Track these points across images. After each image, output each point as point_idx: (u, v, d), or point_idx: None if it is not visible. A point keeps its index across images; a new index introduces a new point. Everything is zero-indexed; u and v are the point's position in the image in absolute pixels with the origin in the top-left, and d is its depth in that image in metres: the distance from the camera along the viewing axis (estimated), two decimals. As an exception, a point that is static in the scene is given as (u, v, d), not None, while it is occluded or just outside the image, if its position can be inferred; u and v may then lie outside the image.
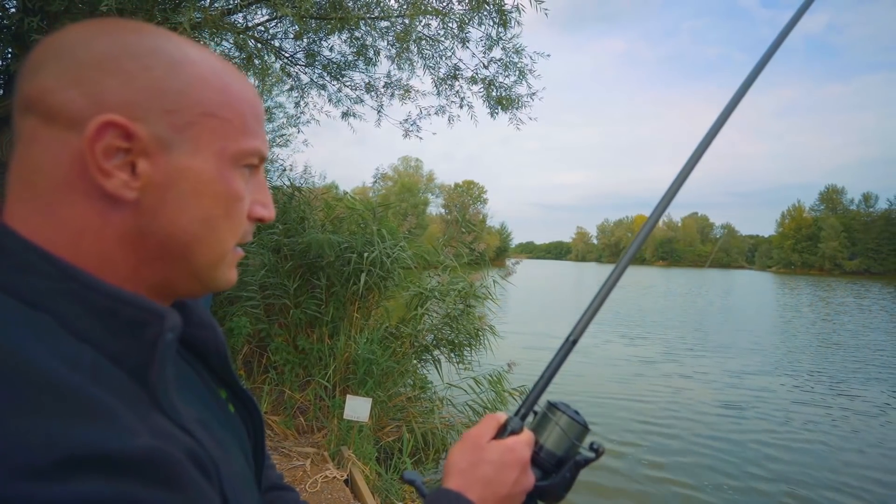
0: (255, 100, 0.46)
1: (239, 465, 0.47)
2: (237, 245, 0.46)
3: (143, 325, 0.38)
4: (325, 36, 4.68)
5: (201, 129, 0.41)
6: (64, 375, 0.31)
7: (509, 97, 4.24)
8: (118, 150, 0.38)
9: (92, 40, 0.39)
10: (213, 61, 0.43)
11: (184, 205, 0.41)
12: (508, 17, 3.88)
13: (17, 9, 2.44)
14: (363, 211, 4.87)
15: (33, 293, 0.36)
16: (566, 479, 0.59)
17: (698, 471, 4.57)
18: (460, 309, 4.57)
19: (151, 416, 0.35)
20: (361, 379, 3.96)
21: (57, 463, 0.28)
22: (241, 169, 0.44)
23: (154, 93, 0.39)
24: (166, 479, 0.32)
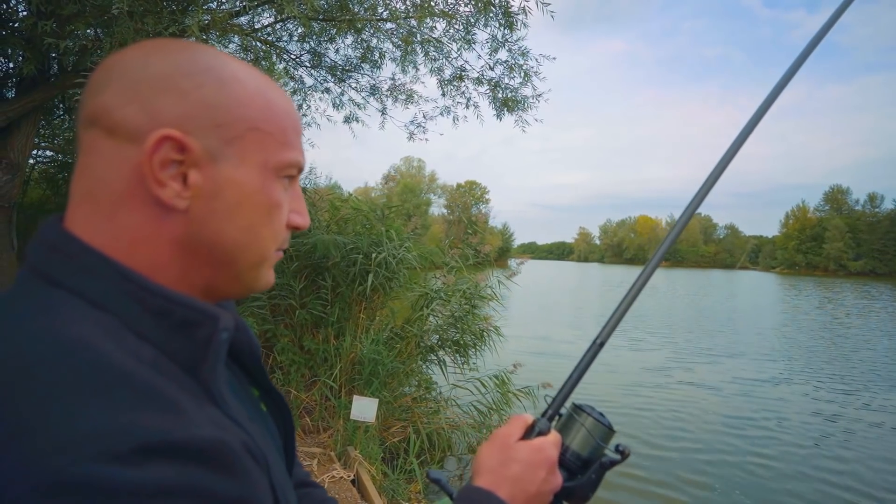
0: (294, 114, 0.48)
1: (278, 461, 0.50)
2: (277, 250, 0.49)
3: (195, 325, 0.40)
4: (330, 38, 4.71)
5: (247, 142, 0.44)
6: (134, 368, 0.34)
7: (515, 99, 4.25)
8: (172, 162, 0.41)
9: (148, 60, 0.42)
10: (258, 78, 0.46)
11: (229, 213, 0.44)
12: (515, 20, 3.89)
13: (31, 13, 2.46)
14: (368, 212, 4.89)
15: (96, 294, 0.39)
16: (592, 481, 0.60)
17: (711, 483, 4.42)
18: (465, 310, 4.59)
19: (208, 409, 0.37)
20: (367, 379, 3.98)
21: (133, 450, 0.30)
22: (282, 179, 0.47)
23: (205, 108, 0.42)
24: (230, 468, 0.34)
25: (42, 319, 0.36)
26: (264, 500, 0.38)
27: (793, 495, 4.24)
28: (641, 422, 5.79)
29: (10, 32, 3.29)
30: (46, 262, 0.41)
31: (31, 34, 2.71)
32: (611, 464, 0.60)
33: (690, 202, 0.72)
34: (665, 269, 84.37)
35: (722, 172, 0.72)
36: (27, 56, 2.90)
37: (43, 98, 3.49)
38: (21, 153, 3.47)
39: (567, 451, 0.60)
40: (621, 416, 5.82)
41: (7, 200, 3.43)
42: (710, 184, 0.71)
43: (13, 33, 3.24)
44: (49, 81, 3.51)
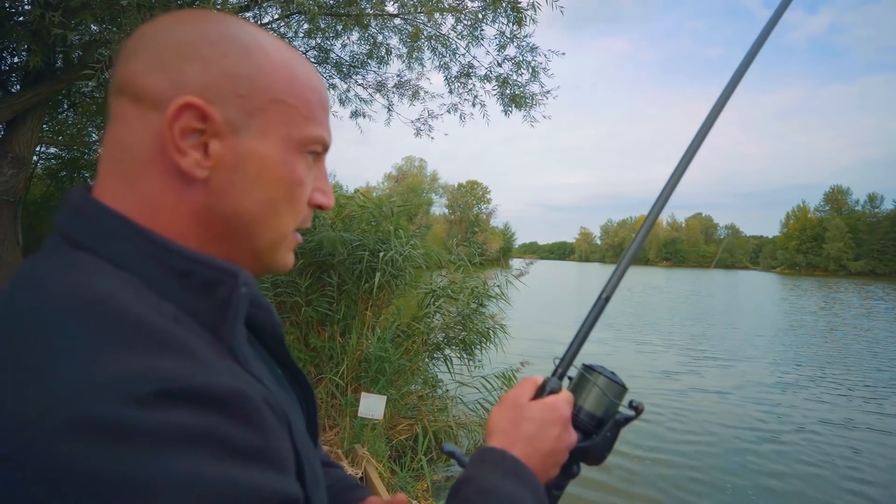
0: (320, 89, 0.47)
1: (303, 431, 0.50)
2: (297, 230, 0.48)
3: (216, 284, 0.40)
4: (336, 34, 4.68)
5: (270, 114, 0.43)
6: (154, 318, 0.35)
7: (523, 95, 4.22)
8: (194, 131, 0.41)
9: (175, 28, 0.42)
10: (284, 50, 0.45)
11: (249, 186, 0.43)
12: (524, 15, 3.86)
13: (38, 4, 2.43)
14: (374, 209, 4.86)
15: (119, 255, 0.39)
16: (607, 439, 0.59)
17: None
18: (472, 308, 4.56)
19: (228, 363, 0.37)
20: (373, 377, 3.95)
21: (152, 393, 0.30)
22: (305, 155, 0.45)
23: (228, 78, 0.41)
24: (248, 418, 0.34)
25: (66, 275, 0.36)
26: (284, 455, 0.37)
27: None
28: (650, 430, 5.45)
29: (17, 24, 3.26)
30: (70, 226, 0.41)
31: (37, 26, 2.68)
32: (625, 420, 0.60)
33: (652, 207, 0.70)
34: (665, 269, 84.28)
35: (682, 175, 0.70)
36: (33, 49, 2.88)
37: (49, 92, 3.46)
38: (26, 147, 3.44)
39: (581, 412, 0.60)
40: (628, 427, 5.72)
41: (12, 195, 3.41)
42: (671, 186, 0.70)
43: (19, 25, 3.21)
44: (55, 75, 3.48)
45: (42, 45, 2.92)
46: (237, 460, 0.32)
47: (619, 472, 4.28)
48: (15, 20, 3.32)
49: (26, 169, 3.50)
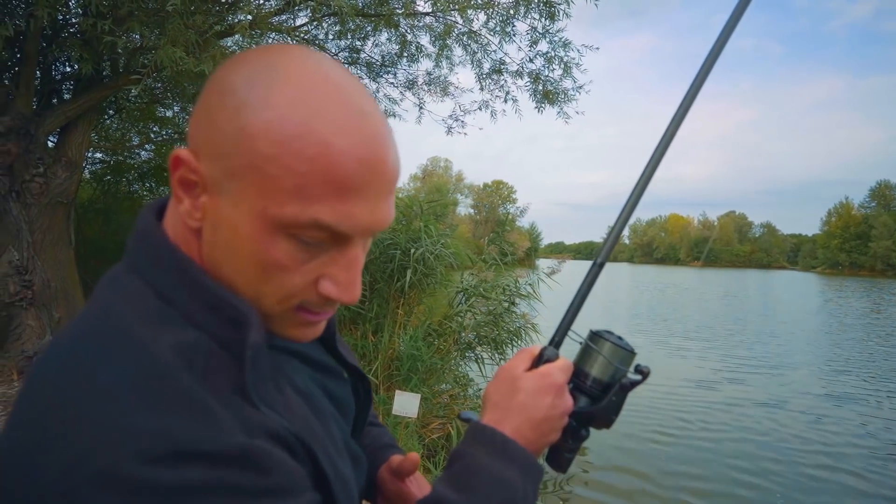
0: (347, 163, 0.38)
1: (340, 428, 0.53)
2: (306, 309, 0.43)
3: (239, 324, 0.41)
4: (367, 35, 4.73)
5: (244, 182, 0.38)
6: (181, 375, 0.37)
7: (556, 91, 4.16)
8: (192, 181, 0.41)
9: (222, 71, 0.41)
10: (305, 106, 0.37)
11: (225, 252, 0.41)
12: (556, 10, 3.81)
13: (90, 13, 2.54)
14: (406, 207, 4.89)
15: (163, 286, 0.42)
16: (613, 403, 0.60)
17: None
18: (504, 306, 4.53)
19: (243, 406, 0.39)
20: (406, 375, 3.97)
21: (169, 453, 0.33)
22: (289, 238, 0.39)
23: (216, 134, 0.39)
24: (257, 466, 0.37)
25: (115, 312, 0.40)
26: (293, 479, 0.39)
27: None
28: (691, 451, 4.83)
29: (70, 35, 3.42)
30: (133, 249, 0.44)
31: (89, 35, 2.80)
32: (631, 385, 0.60)
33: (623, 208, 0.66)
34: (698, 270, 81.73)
35: (652, 175, 0.66)
36: (85, 57, 3.01)
37: (98, 98, 3.62)
38: (78, 152, 3.61)
39: (588, 379, 0.61)
40: (662, 442, 4.97)
41: (66, 197, 3.58)
42: (641, 188, 0.65)
43: (72, 36, 3.37)
44: (103, 82, 3.64)
45: (92, 54, 3.06)
46: (246, 499, 0.36)
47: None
48: (68, 31, 3.49)
49: (78, 172, 3.67)
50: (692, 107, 0.65)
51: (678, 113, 0.65)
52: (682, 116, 0.65)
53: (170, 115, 5.98)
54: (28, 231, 3.44)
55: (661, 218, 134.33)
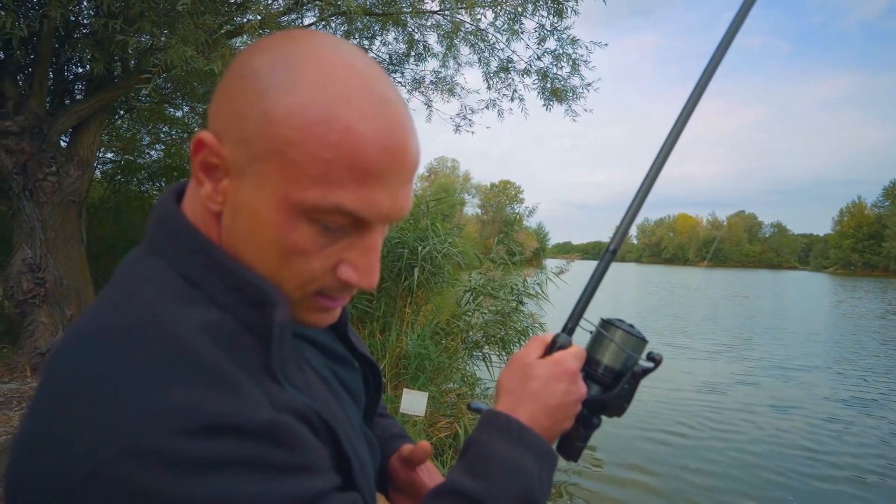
0: (369, 149, 0.38)
1: (354, 413, 0.54)
2: (325, 295, 0.44)
3: (263, 305, 0.41)
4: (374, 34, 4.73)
5: (268, 166, 0.38)
6: (209, 352, 0.37)
7: (564, 89, 4.14)
8: (214, 166, 0.41)
9: (246, 55, 0.41)
10: (328, 92, 0.38)
11: (244, 237, 0.41)
12: (564, 6, 3.79)
13: (101, 13, 2.57)
14: (413, 206, 4.89)
15: (188, 269, 0.42)
16: (625, 391, 0.60)
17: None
18: (513, 306, 4.52)
19: (270, 384, 0.40)
20: (413, 374, 3.97)
21: (201, 426, 0.34)
22: (313, 223, 0.39)
23: (238, 118, 0.39)
24: (283, 441, 0.37)
25: (141, 293, 0.40)
26: (316, 458, 0.40)
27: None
28: (702, 453, 4.65)
29: (82, 36, 3.46)
30: (153, 232, 0.44)
31: (101, 35, 2.83)
32: (644, 372, 0.60)
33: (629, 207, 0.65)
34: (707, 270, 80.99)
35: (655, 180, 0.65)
36: (97, 57, 3.04)
37: (109, 98, 3.65)
38: (90, 151, 3.65)
39: (600, 367, 0.61)
40: (676, 453, 4.68)
41: (78, 196, 3.62)
42: (646, 188, 0.65)
43: (84, 36, 3.41)
44: (114, 82, 3.67)
45: (104, 54, 3.09)
46: (274, 475, 0.36)
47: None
48: (80, 32, 3.53)
49: (89, 171, 3.71)
50: (700, 104, 0.65)
51: (686, 107, 0.64)
52: (691, 111, 0.64)
53: (179, 115, 6.04)
54: (41, 229, 3.48)
55: (670, 218, 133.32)
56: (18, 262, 3.45)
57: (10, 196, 3.46)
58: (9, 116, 3.28)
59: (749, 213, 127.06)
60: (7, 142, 3.28)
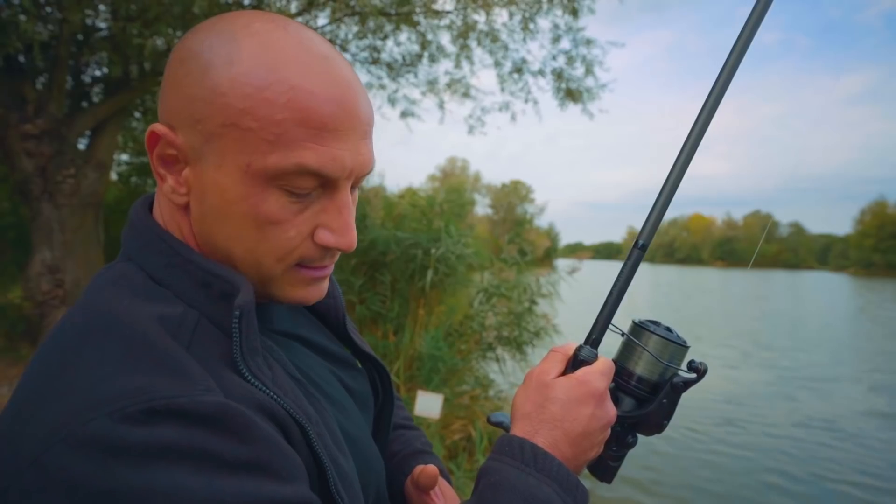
0: (320, 103, 0.38)
1: (348, 417, 0.51)
2: (306, 265, 0.43)
3: (230, 296, 0.40)
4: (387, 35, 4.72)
5: (225, 140, 0.38)
6: (161, 340, 0.36)
7: (579, 90, 4.08)
8: (171, 157, 0.40)
9: (185, 42, 0.41)
10: (269, 56, 0.38)
11: (216, 219, 0.41)
12: (580, 5, 3.73)
13: (120, 17, 2.59)
14: (426, 207, 4.87)
15: (155, 268, 0.42)
16: (663, 406, 0.52)
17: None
18: (525, 306, 4.48)
19: (230, 376, 0.38)
20: (427, 376, 3.95)
21: (141, 411, 0.32)
22: (278, 190, 0.39)
23: (187, 101, 0.39)
24: (235, 431, 0.34)
25: (105, 293, 0.41)
26: (283, 462, 0.36)
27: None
28: (726, 464, 4.32)
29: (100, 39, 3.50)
30: (126, 238, 0.45)
31: (119, 39, 2.85)
32: (685, 384, 0.52)
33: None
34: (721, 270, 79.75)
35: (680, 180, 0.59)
36: (114, 60, 3.07)
37: (127, 100, 3.70)
38: (107, 153, 3.69)
39: (633, 378, 0.53)
40: (698, 473, 4.32)
41: (95, 198, 3.67)
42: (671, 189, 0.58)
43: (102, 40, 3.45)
44: (130, 85, 3.71)
45: (121, 57, 3.12)
46: (221, 471, 0.33)
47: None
48: (98, 36, 3.57)
49: (106, 173, 3.76)
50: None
51: (713, 93, 0.59)
52: (719, 98, 0.59)
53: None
54: (60, 231, 3.53)
55: (683, 217, 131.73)
56: (38, 264, 3.50)
57: (29, 199, 3.51)
58: (29, 120, 3.34)
59: (765, 213, 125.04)
60: (27, 144, 3.34)
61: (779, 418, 5.77)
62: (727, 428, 5.42)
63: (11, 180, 3.69)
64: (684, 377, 0.53)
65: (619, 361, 0.55)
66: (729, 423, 5.51)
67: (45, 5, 2.94)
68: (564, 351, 0.53)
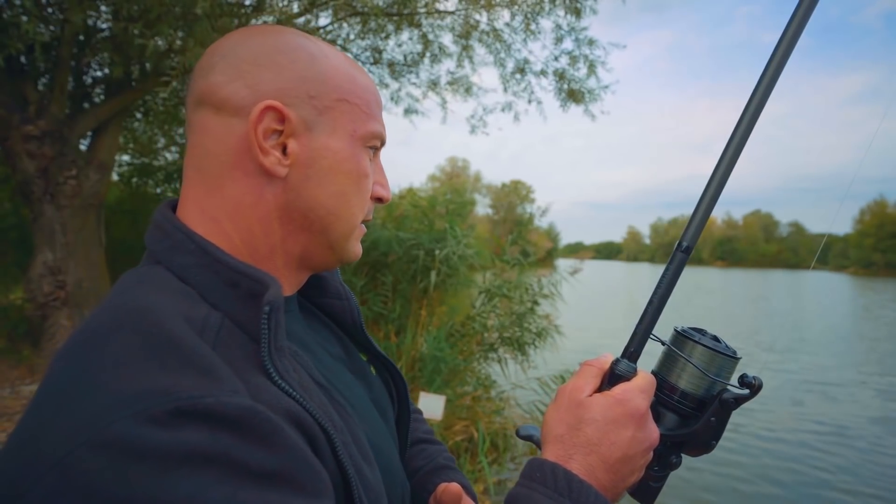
0: (375, 89, 0.51)
1: (372, 427, 0.50)
2: (363, 222, 0.51)
3: (257, 296, 0.41)
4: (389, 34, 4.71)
5: (337, 112, 0.46)
6: (189, 339, 0.36)
7: (581, 91, 4.07)
8: (273, 132, 0.44)
9: (248, 42, 0.46)
10: (341, 56, 0.49)
11: (322, 180, 0.46)
12: (582, 5, 3.72)
13: (122, 18, 2.58)
14: (428, 208, 4.86)
15: (182, 268, 0.43)
16: (711, 424, 0.47)
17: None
18: (527, 307, 4.47)
19: (257, 378, 0.38)
20: (429, 377, 3.94)
21: (167, 412, 0.31)
22: (367, 150, 0.49)
23: (300, 81, 0.45)
24: (262, 437, 0.34)
25: (131, 292, 0.41)
26: (309, 474, 0.35)
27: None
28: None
29: (101, 40, 3.49)
30: (151, 241, 0.46)
31: (120, 39, 2.85)
32: (735, 401, 0.47)
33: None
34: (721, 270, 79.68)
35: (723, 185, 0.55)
36: (116, 60, 3.06)
37: (128, 101, 3.68)
38: (108, 154, 3.68)
39: (676, 392, 0.49)
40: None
41: (97, 199, 3.66)
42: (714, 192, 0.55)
43: (103, 41, 3.44)
44: (132, 86, 3.71)
45: (123, 57, 3.11)
46: (246, 482, 0.32)
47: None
48: (100, 36, 3.57)
49: (108, 174, 3.75)
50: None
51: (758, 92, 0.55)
52: (760, 107, 0.55)
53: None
54: (61, 233, 3.52)
55: (683, 217, 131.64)
56: (39, 265, 3.49)
57: (31, 200, 3.50)
58: (31, 121, 3.33)
59: (765, 213, 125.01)
60: (29, 146, 3.33)
61: (781, 422, 5.60)
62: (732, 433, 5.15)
63: (13, 181, 3.68)
64: (735, 393, 0.48)
65: (661, 374, 0.51)
66: (734, 430, 5.26)
67: (46, 6, 2.94)
68: (599, 364, 0.49)
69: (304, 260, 0.49)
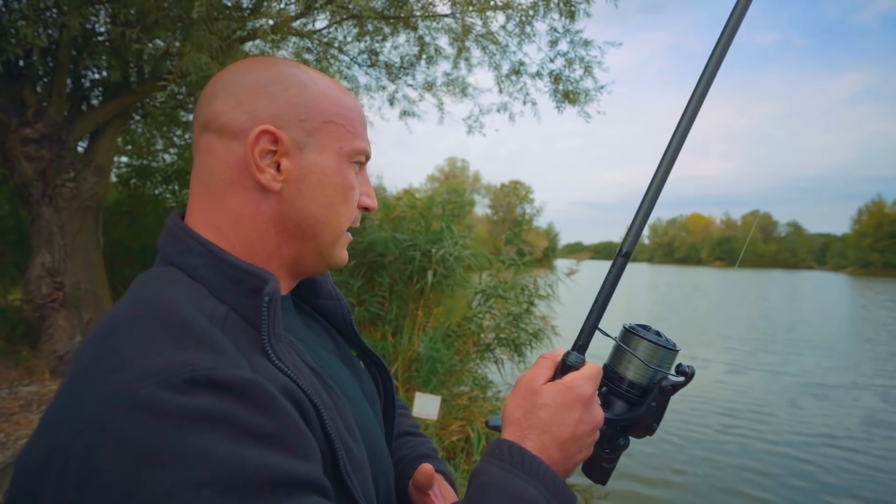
0: (359, 110, 0.57)
1: (361, 412, 0.57)
2: (348, 230, 0.57)
3: (259, 290, 0.48)
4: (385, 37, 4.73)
5: (325, 133, 0.53)
6: (200, 323, 0.43)
7: (577, 91, 4.10)
8: (268, 152, 0.51)
9: (245, 73, 0.53)
10: (329, 81, 0.55)
11: (313, 193, 0.52)
12: (576, 8, 3.75)
13: (119, 22, 2.61)
14: (423, 209, 4.88)
15: (192, 268, 0.50)
16: (652, 409, 0.54)
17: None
18: (524, 307, 4.49)
19: (257, 359, 0.45)
20: (425, 377, 3.96)
21: (185, 381, 0.38)
22: (353, 165, 0.55)
23: (291, 107, 0.51)
24: (261, 405, 0.40)
25: (149, 288, 0.48)
26: (301, 441, 0.41)
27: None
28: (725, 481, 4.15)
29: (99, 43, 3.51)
30: (164, 245, 0.53)
31: (118, 43, 2.87)
32: (673, 388, 0.54)
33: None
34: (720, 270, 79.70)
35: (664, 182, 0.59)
36: (113, 64, 3.09)
37: (126, 104, 3.71)
38: (106, 157, 3.70)
39: (623, 382, 0.56)
40: None
41: (95, 201, 3.68)
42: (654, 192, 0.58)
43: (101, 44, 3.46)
44: (130, 89, 3.73)
45: (120, 61, 3.13)
46: (248, 441, 0.38)
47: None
48: (97, 40, 3.59)
49: (106, 176, 3.77)
50: (714, 100, 0.60)
51: (692, 101, 0.61)
52: (698, 105, 0.61)
53: (192, 119, 6.06)
54: (59, 234, 3.54)
55: (682, 217, 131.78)
56: (38, 267, 3.51)
57: (29, 202, 3.52)
58: (29, 124, 3.35)
59: (764, 213, 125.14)
60: (27, 149, 3.35)
61: (781, 424, 5.59)
62: (726, 435, 5.28)
63: (11, 184, 3.70)
64: (672, 380, 0.55)
65: (611, 366, 0.57)
66: (726, 431, 5.36)
67: (44, 10, 2.96)
68: (553, 357, 0.56)
69: (297, 264, 0.55)
